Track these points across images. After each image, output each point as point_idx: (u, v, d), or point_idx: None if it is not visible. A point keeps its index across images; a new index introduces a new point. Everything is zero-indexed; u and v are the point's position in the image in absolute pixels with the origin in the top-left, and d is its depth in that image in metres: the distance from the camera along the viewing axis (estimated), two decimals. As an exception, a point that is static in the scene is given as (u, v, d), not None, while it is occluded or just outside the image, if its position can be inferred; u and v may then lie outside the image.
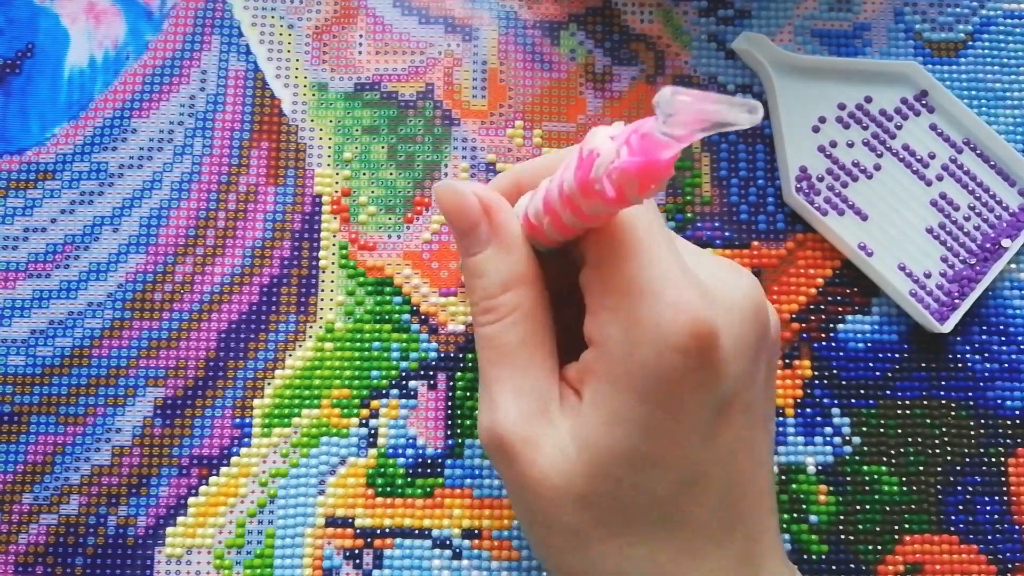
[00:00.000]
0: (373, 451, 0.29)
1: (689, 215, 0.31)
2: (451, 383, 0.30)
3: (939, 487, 0.30)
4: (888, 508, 0.30)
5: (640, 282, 0.20)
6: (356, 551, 0.29)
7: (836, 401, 0.30)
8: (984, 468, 0.30)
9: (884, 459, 0.30)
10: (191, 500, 0.29)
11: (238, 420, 0.29)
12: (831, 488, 0.30)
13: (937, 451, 0.30)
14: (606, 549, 0.21)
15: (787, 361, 0.31)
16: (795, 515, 0.29)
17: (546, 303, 0.23)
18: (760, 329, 0.22)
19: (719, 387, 0.21)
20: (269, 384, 0.30)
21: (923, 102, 0.32)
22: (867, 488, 0.30)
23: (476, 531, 0.29)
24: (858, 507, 0.30)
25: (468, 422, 0.30)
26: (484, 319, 0.23)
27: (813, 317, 0.31)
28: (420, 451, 0.29)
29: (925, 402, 0.31)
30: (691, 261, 0.22)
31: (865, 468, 0.30)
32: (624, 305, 0.20)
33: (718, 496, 0.22)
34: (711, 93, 0.15)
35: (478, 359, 0.23)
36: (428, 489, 0.29)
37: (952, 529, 0.30)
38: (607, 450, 0.21)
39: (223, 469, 0.29)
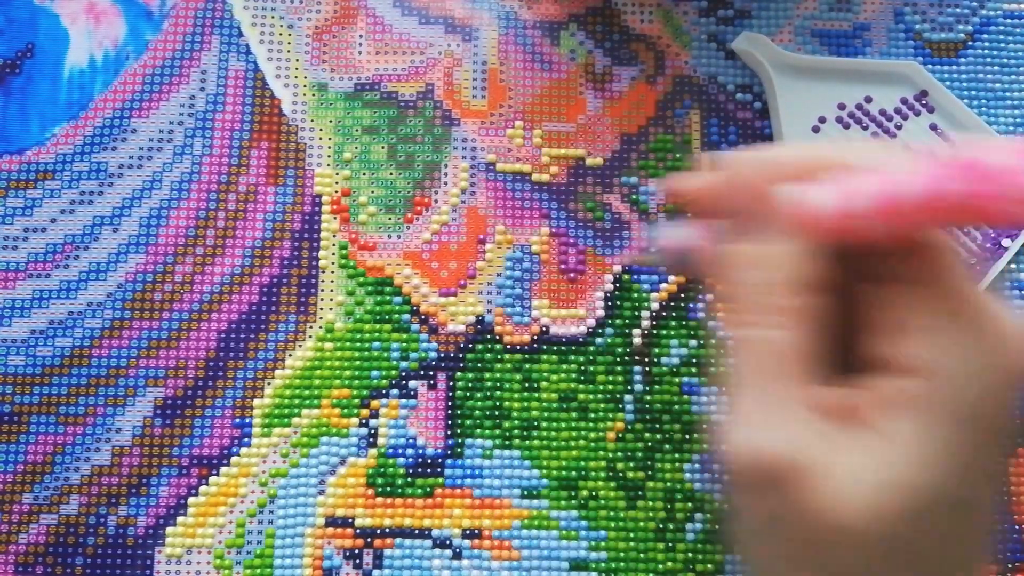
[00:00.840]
0: (373, 451, 0.29)
1: (689, 215, 0.31)
2: (451, 383, 0.30)
3: (939, 487, 0.30)
4: (888, 508, 0.30)
5: (977, 303, 0.18)
6: (356, 551, 0.29)
7: (836, 401, 0.30)
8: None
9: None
10: (191, 500, 0.29)
11: (238, 420, 0.29)
12: (831, 488, 0.30)
13: (937, 451, 0.30)
14: None
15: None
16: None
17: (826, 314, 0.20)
18: None
19: (1012, 423, 0.19)
20: (269, 384, 0.30)
21: (923, 102, 0.32)
22: (867, 488, 0.30)
23: (476, 531, 0.29)
24: (858, 507, 0.30)
25: (468, 422, 0.30)
26: (765, 320, 0.20)
27: (813, 317, 0.31)
28: (420, 451, 0.29)
29: (925, 402, 0.31)
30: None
31: (865, 468, 0.30)
32: (964, 330, 0.18)
33: (986, 546, 0.20)
34: None
35: (739, 364, 0.20)
36: (428, 489, 0.29)
37: (952, 529, 0.30)
38: (922, 489, 0.18)
39: (223, 469, 0.29)
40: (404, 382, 0.30)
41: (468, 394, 0.30)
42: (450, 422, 0.30)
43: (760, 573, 0.21)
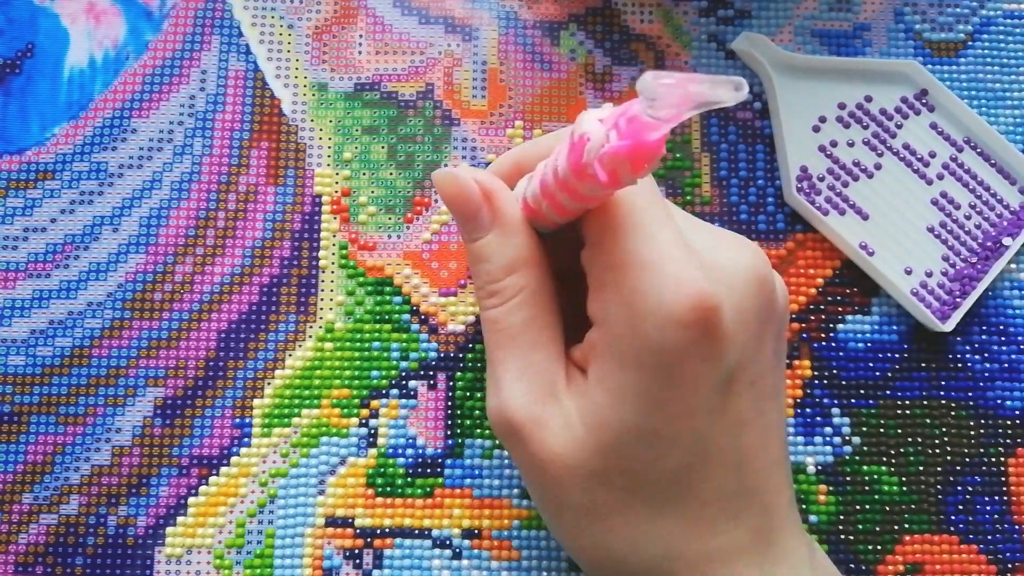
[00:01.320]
0: (373, 451, 0.29)
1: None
2: (451, 383, 0.30)
3: (939, 487, 0.30)
4: (888, 508, 0.30)
5: (640, 258, 0.20)
6: (356, 551, 0.29)
7: (836, 401, 0.30)
8: (984, 468, 0.30)
9: (884, 459, 0.30)
10: (191, 500, 0.29)
11: (238, 420, 0.29)
12: (831, 488, 0.30)
13: (937, 451, 0.30)
14: (618, 525, 0.22)
15: (787, 361, 0.31)
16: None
17: (550, 285, 0.23)
18: (764, 301, 0.22)
19: (723, 361, 0.21)
20: (269, 384, 0.30)
21: (923, 101, 0.32)
22: (867, 488, 0.30)
23: (476, 531, 0.29)
24: (858, 507, 0.30)
25: (468, 422, 0.30)
26: (489, 303, 0.23)
27: (813, 317, 0.31)
28: (420, 451, 0.29)
29: (925, 402, 0.31)
30: (692, 235, 0.22)
31: (865, 468, 0.30)
32: (624, 282, 0.21)
33: (729, 470, 0.22)
34: (694, 74, 0.15)
35: (485, 342, 0.23)
36: (428, 489, 0.29)
37: (952, 529, 0.30)
38: (615, 427, 0.21)
39: (223, 469, 0.29)
40: (404, 382, 0.30)
41: (468, 394, 0.30)
42: (450, 422, 0.30)
43: (541, 515, 0.24)
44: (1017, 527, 0.30)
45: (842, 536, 0.30)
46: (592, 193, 0.19)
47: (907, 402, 0.31)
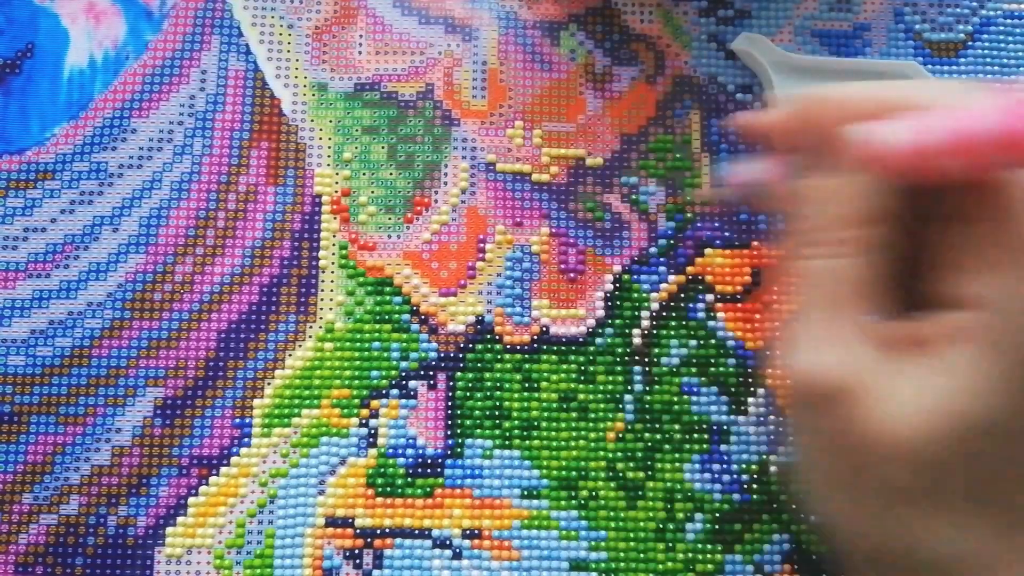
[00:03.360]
0: (373, 451, 0.29)
1: (689, 215, 0.31)
2: (451, 383, 0.30)
3: (939, 487, 0.30)
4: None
5: None
6: (356, 551, 0.29)
7: (836, 401, 0.30)
8: None
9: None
10: (191, 500, 0.29)
11: (238, 420, 0.29)
12: (831, 488, 0.30)
13: (937, 451, 0.30)
14: (926, 522, 0.20)
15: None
16: (795, 515, 0.29)
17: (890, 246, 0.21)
18: None
19: None
20: (269, 384, 0.30)
21: (923, 102, 0.32)
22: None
23: (476, 531, 0.29)
24: (858, 507, 0.30)
25: (468, 422, 0.30)
26: (830, 251, 0.20)
27: (813, 317, 0.31)
28: (420, 451, 0.29)
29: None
30: None
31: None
32: (1021, 264, 0.19)
33: None
34: None
35: (804, 294, 0.21)
36: (428, 489, 0.29)
37: (952, 529, 0.30)
38: (969, 416, 0.19)
39: (223, 469, 0.29)
40: (404, 382, 0.30)
41: (468, 394, 0.30)
42: (450, 422, 0.30)
43: (815, 497, 0.22)
44: (1017, 527, 0.30)
45: (842, 536, 0.29)
46: None
47: (907, 402, 0.30)
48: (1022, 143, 0.17)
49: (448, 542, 0.29)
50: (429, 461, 0.29)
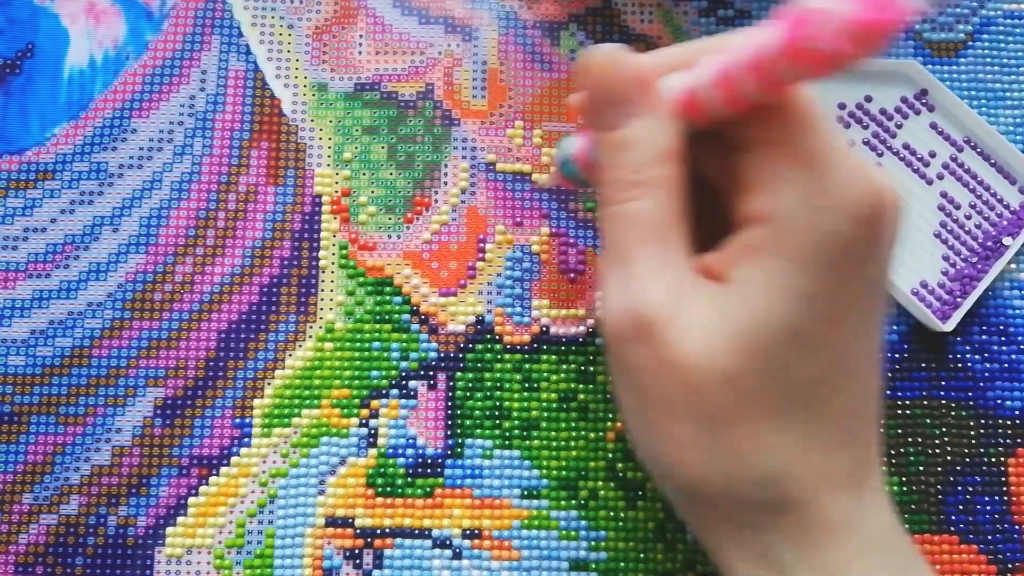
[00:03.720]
0: (373, 451, 0.29)
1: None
2: (451, 383, 0.30)
3: (939, 487, 0.30)
4: (888, 508, 0.30)
5: (825, 152, 0.20)
6: (356, 551, 0.29)
7: (836, 401, 0.30)
8: (984, 468, 0.30)
9: (884, 459, 0.30)
10: (191, 500, 0.29)
11: (238, 420, 0.29)
12: (831, 488, 0.30)
13: (937, 451, 0.30)
14: (739, 437, 0.20)
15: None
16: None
17: (687, 183, 0.22)
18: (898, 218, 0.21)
19: (880, 265, 0.20)
20: (269, 384, 0.30)
21: (923, 101, 0.32)
22: (867, 488, 0.30)
23: (476, 531, 0.29)
24: (858, 507, 0.30)
25: (468, 422, 0.30)
26: (629, 194, 0.21)
27: (813, 317, 0.31)
28: (420, 451, 0.29)
29: (925, 402, 0.31)
30: None
31: (865, 468, 0.30)
32: (807, 176, 0.20)
33: (854, 387, 0.21)
34: None
35: (610, 239, 0.22)
36: (428, 489, 0.29)
37: (952, 529, 0.30)
38: (766, 327, 0.20)
39: (223, 469, 0.29)
40: (404, 382, 0.30)
41: (468, 394, 0.30)
42: (450, 422, 0.30)
43: (637, 435, 0.22)
44: (1017, 527, 0.30)
45: (842, 536, 0.29)
46: (792, 78, 0.19)
47: (907, 402, 0.31)
48: (771, 63, 0.18)
49: (448, 542, 0.29)
50: (429, 461, 0.29)
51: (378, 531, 0.29)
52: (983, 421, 0.30)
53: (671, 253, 0.21)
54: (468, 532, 0.29)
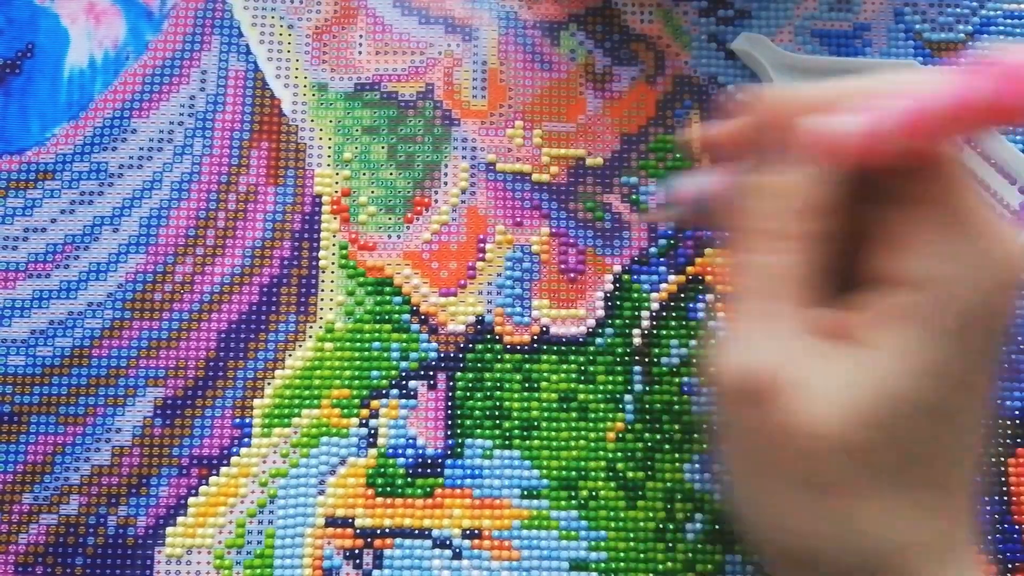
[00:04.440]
0: (373, 451, 0.29)
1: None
2: (451, 383, 0.30)
3: (939, 487, 0.30)
4: (888, 508, 0.30)
5: (975, 216, 0.19)
6: (356, 551, 0.29)
7: (836, 401, 0.30)
8: (984, 468, 0.30)
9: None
10: (191, 500, 0.29)
11: (238, 420, 0.29)
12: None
13: (937, 451, 0.30)
14: (857, 508, 0.19)
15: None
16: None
17: (831, 237, 0.21)
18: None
19: (1007, 334, 0.20)
20: (269, 384, 0.30)
21: (923, 102, 0.32)
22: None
23: (476, 531, 0.29)
24: (858, 507, 0.30)
25: (468, 422, 0.30)
26: (773, 246, 0.20)
27: (813, 317, 0.31)
28: (420, 451, 0.29)
29: (925, 402, 0.31)
30: None
31: (865, 468, 0.30)
32: (960, 244, 0.19)
33: (970, 459, 0.20)
34: None
35: (742, 289, 0.21)
36: (428, 489, 0.29)
37: (952, 529, 0.30)
38: (897, 399, 0.19)
39: (223, 469, 0.29)
40: (404, 382, 0.30)
41: (468, 394, 0.30)
42: (450, 422, 0.30)
43: (742, 496, 0.22)
44: (1017, 527, 0.30)
45: (842, 536, 0.29)
46: (981, 128, 0.18)
47: (907, 402, 0.30)
48: (975, 111, 0.18)
49: (448, 542, 0.29)
50: (429, 461, 0.29)
51: (378, 531, 0.29)
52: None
53: (800, 311, 0.20)
54: (468, 532, 0.29)
